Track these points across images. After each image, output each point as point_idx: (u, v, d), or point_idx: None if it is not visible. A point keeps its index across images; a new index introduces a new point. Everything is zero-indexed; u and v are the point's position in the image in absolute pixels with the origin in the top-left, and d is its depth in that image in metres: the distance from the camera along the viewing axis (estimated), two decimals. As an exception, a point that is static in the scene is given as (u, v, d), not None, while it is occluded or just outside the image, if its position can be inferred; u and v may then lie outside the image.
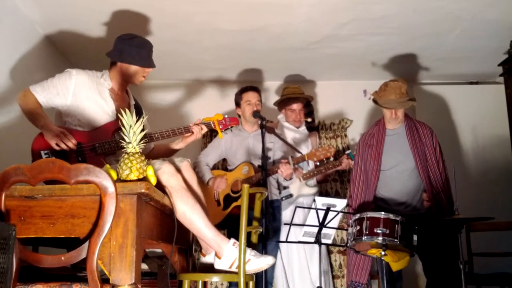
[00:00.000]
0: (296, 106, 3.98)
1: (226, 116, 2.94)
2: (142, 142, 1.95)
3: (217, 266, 2.33)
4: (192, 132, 2.78)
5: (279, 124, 4.11)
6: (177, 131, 2.75)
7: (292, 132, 4.02)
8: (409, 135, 3.30)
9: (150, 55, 2.73)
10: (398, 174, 3.28)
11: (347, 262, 3.40)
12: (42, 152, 2.44)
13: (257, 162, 3.42)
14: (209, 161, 3.72)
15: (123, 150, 1.94)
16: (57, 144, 2.40)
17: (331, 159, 3.65)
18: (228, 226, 3.58)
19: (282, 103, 4.06)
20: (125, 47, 2.65)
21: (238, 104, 3.73)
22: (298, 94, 4.01)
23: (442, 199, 3.19)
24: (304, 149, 3.88)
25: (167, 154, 2.86)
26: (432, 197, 3.20)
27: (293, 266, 3.73)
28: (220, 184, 3.51)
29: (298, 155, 3.58)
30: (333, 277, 4.21)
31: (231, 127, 2.99)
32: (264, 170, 3.21)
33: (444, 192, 3.21)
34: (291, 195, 3.71)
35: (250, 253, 2.28)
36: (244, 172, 3.53)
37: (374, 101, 3.31)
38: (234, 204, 3.46)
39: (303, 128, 4.07)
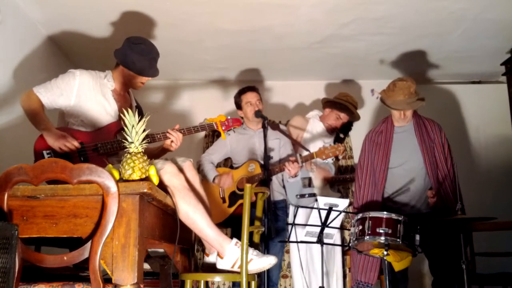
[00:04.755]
0: (343, 116, 3.90)
1: (229, 117, 2.93)
2: (144, 142, 1.95)
3: (219, 266, 2.33)
4: (172, 135, 2.64)
5: (311, 119, 4.02)
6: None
7: (322, 133, 3.95)
8: (418, 132, 3.26)
9: (151, 64, 2.70)
10: (405, 172, 3.25)
11: (352, 262, 3.38)
12: (45, 152, 2.44)
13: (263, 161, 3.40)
14: (213, 160, 3.71)
15: (125, 150, 1.94)
16: (60, 148, 2.40)
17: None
18: (232, 225, 3.57)
19: (333, 105, 3.94)
20: (129, 51, 2.65)
21: (239, 106, 3.71)
22: (353, 108, 3.92)
23: (449, 196, 3.15)
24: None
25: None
26: (439, 195, 3.16)
27: (314, 266, 3.70)
28: (226, 181, 3.50)
29: (306, 152, 3.55)
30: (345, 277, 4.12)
31: (234, 128, 2.98)
32: (266, 170, 3.21)
33: (452, 190, 3.16)
34: (314, 195, 3.66)
35: (252, 253, 2.28)
36: (250, 169, 3.53)
37: (382, 100, 3.25)
38: (240, 201, 3.44)
39: (331, 138, 3.99)
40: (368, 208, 3.16)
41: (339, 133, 4.01)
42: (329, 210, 3.01)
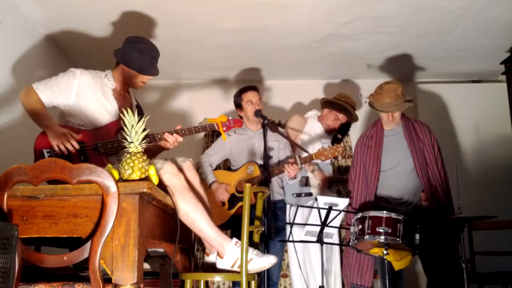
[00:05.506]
0: (342, 117, 3.87)
1: (230, 118, 2.92)
2: (144, 142, 1.95)
3: (219, 265, 2.33)
4: (167, 141, 2.65)
5: (309, 119, 4.00)
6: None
7: (320, 134, 3.93)
8: (407, 135, 3.30)
9: (152, 63, 2.70)
10: (397, 174, 3.29)
11: (346, 263, 3.39)
12: (45, 151, 2.44)
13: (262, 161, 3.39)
14: (212, 162, 3.69)
15: (125, 150, 1.94)
16: (58, 146, 2.40)
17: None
18: (232, 226, 3.57)
19: (331, 105, 3.90)
20: (129, 50, 2.65)
21: (239, 105, 3.70)
22: (351, 109, 3.90)
23: (440, 197, 3.19)
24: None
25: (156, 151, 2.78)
26: (431, 196, 3.20)
27: (312, 265, 3.69)
28: (222, 194, 3.48)
29: (305, 154, 3.55)
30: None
31: (235, 128, 2.98)
32: (265, 170, 3.21)
33: (442, 191, 3.20)
34: (311, 194, 3.66)
35: (252, 252, 2.28)
36: (249, 171, 3.52)
37: (370, 104, 3.30)
38: (240, 204, 3.44)
39: (329, 138, 3.96)
40: (363, 210, 3.17)
41: (337, 133, 4.00)
42: (329, 209, 3.01)
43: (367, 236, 2.83)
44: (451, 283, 3.08)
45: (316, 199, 3.08)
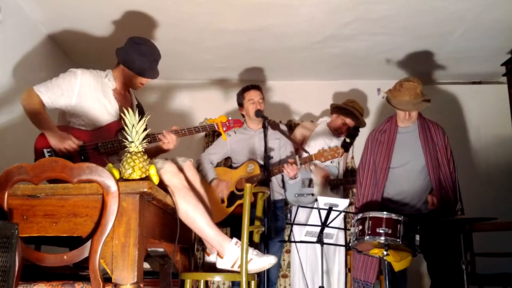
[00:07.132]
0: (349, 121, 3.96)
1: (230, 118, 2.92)
2: (145, 141, 1.95)
3: (219, 265, 2.33)
4: (162, 140, 2.64)
5: (319, 125, 4.09)
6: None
7: (329, 137, 3.98)
8: (422, 134, 3.26)
9: (152, 65, 2.70)
10: (406, 172, 3.25)
11: (353, 260, 3.39)
12: (45, 151, 2.44)
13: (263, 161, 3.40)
14: (213, 159, 3.71)
15: (125, 149, 1.94)
16: (63, 149, 2.41)
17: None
18: (231, 225, 3.57)
19: (339, 110, 4.00)
20: (130, 51, 2.65)
21: (241, 104, 3.72)
22: (359, 114, 3.97)
23: (451, 199, 3.17)
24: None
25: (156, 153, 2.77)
26: (440, 198, 3.18)
27: (317, 266, 3.68)
28: (223, 190, 3.50)
29: (305, 154, 3.55)
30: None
31: (235, 129, 2.98)
32: (266, 170, 3.21)
33: (452, 192, 3.17)
34: (312, 195, 3.67)
35: (252, 252, 2.28)
36: (249, 170, 3.53)
37: (387, 100, 3.26)
38: (238, 202, 3.45)
39: (339, 141, 3.98)
40: (369, 208, 3.16)
41: (346, 137, 4.02)
42: (329, 210, 3.01)
43: (367, 237, 2.83)
44: (454, 285, 3.06)
45: (316, 200, 3.08)
